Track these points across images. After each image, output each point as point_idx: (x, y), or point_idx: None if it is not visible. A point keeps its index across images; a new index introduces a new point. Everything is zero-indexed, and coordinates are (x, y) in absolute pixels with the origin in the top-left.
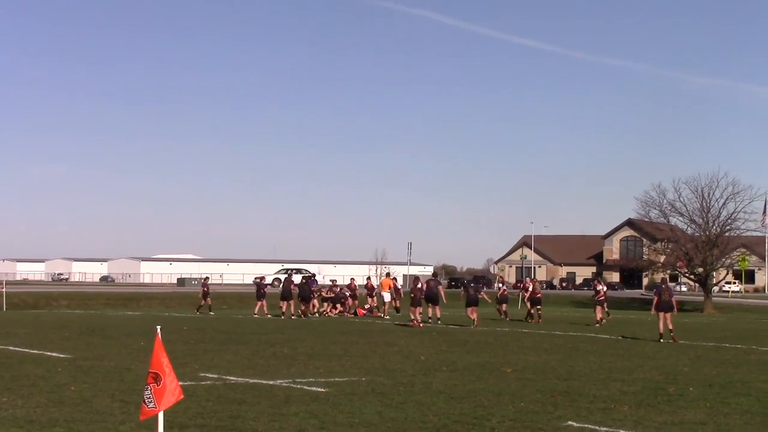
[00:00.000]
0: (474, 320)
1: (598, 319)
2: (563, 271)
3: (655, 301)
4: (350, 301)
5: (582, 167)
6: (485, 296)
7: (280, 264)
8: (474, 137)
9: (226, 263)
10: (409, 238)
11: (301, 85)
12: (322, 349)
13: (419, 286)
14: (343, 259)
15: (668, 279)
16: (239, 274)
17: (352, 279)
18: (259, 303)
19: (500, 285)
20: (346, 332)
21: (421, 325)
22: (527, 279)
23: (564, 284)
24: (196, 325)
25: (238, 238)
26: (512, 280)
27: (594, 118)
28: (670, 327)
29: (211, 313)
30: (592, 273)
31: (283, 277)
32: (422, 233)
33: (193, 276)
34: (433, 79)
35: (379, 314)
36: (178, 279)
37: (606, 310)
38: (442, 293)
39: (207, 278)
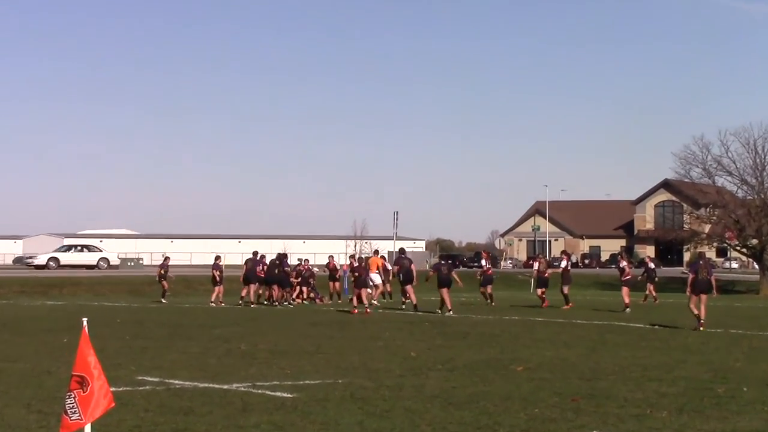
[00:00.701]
0: (447, 303)
1: (626, 303)
2: (585, 245)
3: (689, 280)
4: (333, 285)
5: (607, 118)
6: (456, 277)
7: (237, 240)
8: (475, 84)
9: (170, 240)
10: (394, 207)
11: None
12: (289, 344)
13: (392, 265)
14: (314, 234)
15: (706, 254)
16: (186, 253)
17: (331, 257)
18: (217, 289)
19: (484, 262)
20: (319, 323)
21: (356, 311)
22: (563, 254)
23: (586, 261)
24: (133, 316)
25: (184, 210)
26: (523, 256)
27: (622, 60)
28: (702, 313)
29: (163, 300)
30: (621, 247)
31: (62, 255)
32: (411, 200)
33: (130, 255)
34: (429, 25)
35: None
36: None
37: (651, 293)
38: (415, 271)
39: (167, 258)
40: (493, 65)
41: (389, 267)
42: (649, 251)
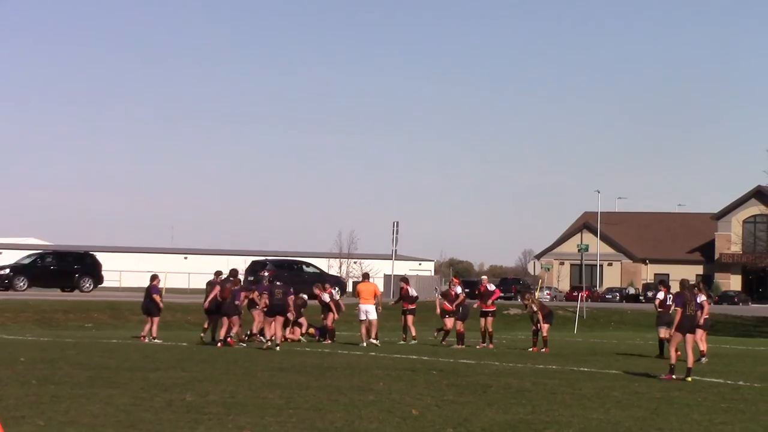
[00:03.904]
0: (272, 338)
1: (702, 350)
2: (648, 272)
3: (677, 317)
4: (331, 315)
5: (679, 105)
6: (290, 302)
7: (182, 255)
8: (503, 59)
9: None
10: (393, 217)
11: None
12: (250, 395)
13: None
14: (285, 249)
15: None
16: (113, 271)
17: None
18: (155, 320)
19: (459, 289)
20: (289, 369)
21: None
22: (660, 285)
23: (650, 293)
24: (42, 354)
25: (111, 215)
26: (565, 285)
27: (699, 28)
28: (690, 360)
29: (156, 340)
30: (697, 276)
31: None
32: (415, 209)
33: None
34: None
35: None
36: None
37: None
38: (291, 304)
39: (156, 277)
40: (523, 46)
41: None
42: (734, 282)
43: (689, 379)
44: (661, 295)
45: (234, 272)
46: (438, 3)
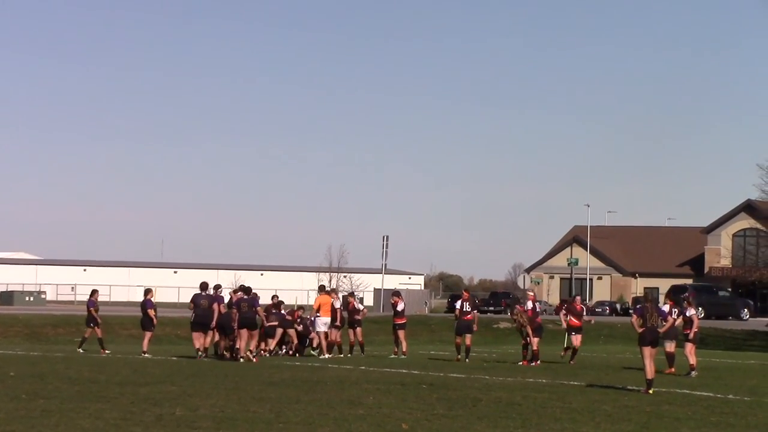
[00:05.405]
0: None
1: (692, 364)
2: (638, 285)
3: (637, 329)
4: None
5: (668, 119)
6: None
7: (172, 270)
8: (493, 74)
9: (83, 267)
10: (383, 231)
11: None
12: (240, 410)
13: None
14: (275, 264)
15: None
16: (104, 285)
17: (351, 295)
18: (148, 335)
19: (459, 304)
20: (279, 383)
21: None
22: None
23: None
24: (32, 368)
25: (101, 230)
26: (555, 299)
27: (688, 41)
28: (651, 372)
29: (107, 352)
30: (688, 287)
31: None
32: (405, 223)
33: (28, 287)
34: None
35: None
36: (2, 293)
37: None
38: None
39: (96, 291)
40: (510, 57)
41: (360, 307)
42: None
43: (651, 391)
44: (666, 308)
45: (206, 286)
46: (427, 19)
